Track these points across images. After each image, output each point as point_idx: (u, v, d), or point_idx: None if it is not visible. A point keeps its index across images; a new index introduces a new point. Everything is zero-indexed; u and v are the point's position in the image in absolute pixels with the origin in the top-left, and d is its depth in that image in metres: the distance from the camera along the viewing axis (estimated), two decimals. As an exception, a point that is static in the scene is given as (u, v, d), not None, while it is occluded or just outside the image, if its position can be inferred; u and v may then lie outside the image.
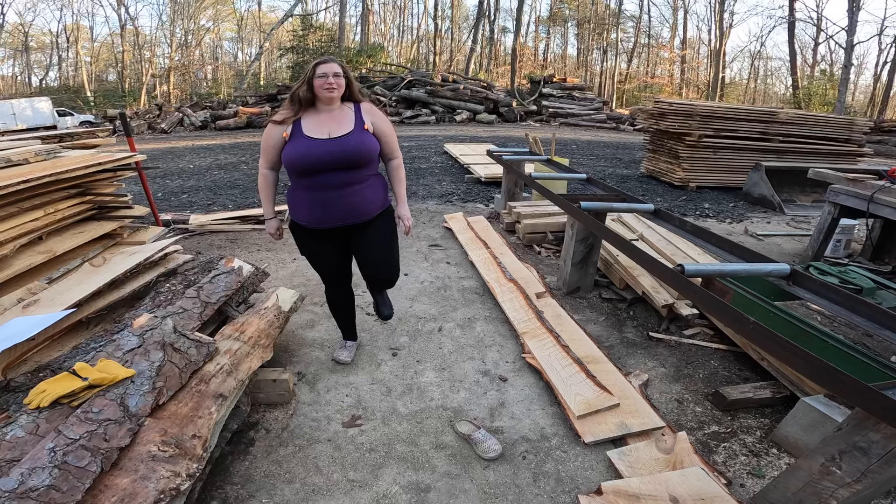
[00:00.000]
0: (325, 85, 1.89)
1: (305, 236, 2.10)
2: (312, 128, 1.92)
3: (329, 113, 1.96)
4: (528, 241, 4.38)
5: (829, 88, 27.11)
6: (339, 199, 1.95)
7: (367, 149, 1.94)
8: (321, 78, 1.89)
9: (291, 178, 2.00)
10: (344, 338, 2.57)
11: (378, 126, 2.04)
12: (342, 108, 1.99)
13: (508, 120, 18.53)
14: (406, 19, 40.72)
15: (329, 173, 1.91)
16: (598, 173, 8.26)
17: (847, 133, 7.37)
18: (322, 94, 1.91)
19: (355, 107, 2.02)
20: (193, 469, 1.43)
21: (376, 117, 2.05)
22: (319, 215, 1.98)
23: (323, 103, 1.95)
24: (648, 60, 39.31)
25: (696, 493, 1.64)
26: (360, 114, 2.00)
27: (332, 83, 1.89)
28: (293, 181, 2.01)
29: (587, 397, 2.11)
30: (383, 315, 2.39)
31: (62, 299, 2.14)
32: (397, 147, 2.15)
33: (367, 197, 2.02)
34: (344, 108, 2.00)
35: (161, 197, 6.28)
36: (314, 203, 1.96)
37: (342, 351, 2.51)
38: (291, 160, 1.90)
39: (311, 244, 2.12)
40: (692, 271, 2.01)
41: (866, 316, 1.75)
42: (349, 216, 2.00)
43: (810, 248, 4.23)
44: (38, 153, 2.82)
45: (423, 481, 1.78)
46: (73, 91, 30.20)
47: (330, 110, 1.96)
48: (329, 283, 2.32)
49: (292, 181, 2.01)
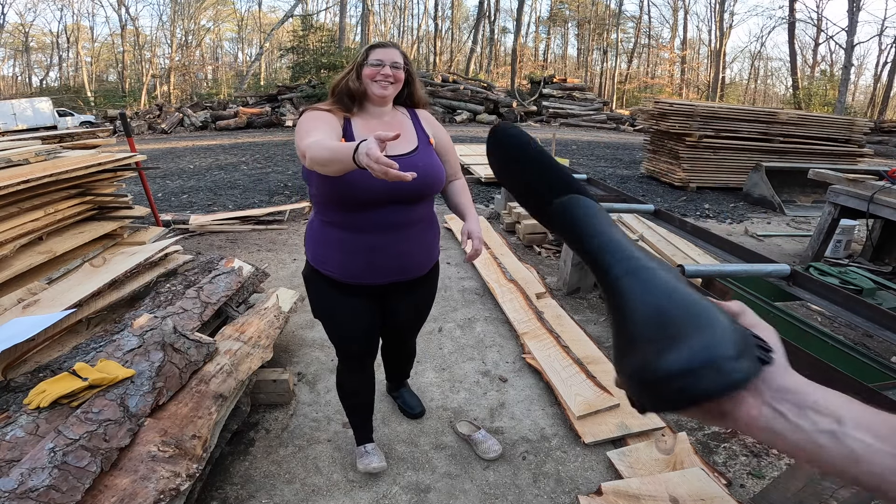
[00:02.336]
0: (380, 76, 1.40)
1: (333, 291, 1.51)
2: (364, 135, 1.38)
3: (380, 119, 1.46)
4: (528, 241, 4.38)
5: (830, 89, 27.13)
6: (394, 246, 1.43)
7: (437, 174, 1.45)
8: (375, 66, 1.39)
9: (324, 210, 1.44)
10: (359, 442, 1.86)
11: (440, 141, 1.54)
12: (395, 114, 1.50)
13: (508, 120, 18.55)
14: (406, 20, 40.76)
15: (385, 208, 1.37)
16: (598, 174, 8.26)
17: (847, 133, 7.38)
18: (373, 89, 1.41)
19: (411, 113, 1.53)
20: (193, 469, 1.43)
21: (437, 129, 1.56)
22: (362, 267, 1.44)
23: (372, 103, 1.45)
24: (648, 61, 39.35)
25: (697, 493, 1.64)
26: (419, 124, 1.51)
27: (389, 75, 1.40)
28: (325, 214, 1.44)
29: (587, 398, 2.11)
30: (416, 413, 2.08)
31: (62, 299, 2.14)
32: (459, 165, 1.64)
33: (425, 243, 1.52)
34: (397, 113, 1.50)
35: (161, 197, 6.29)
36: (357, 249, 1.42)
37: (368, 457, 1.81)
38: (346, 182, 1.29)
39: (339, 302, 1.52)
40: (692, 272, 2.01)
41: (866, 316, 1.75)
42: (402, 270, 1.48)
43: (810, 248, 4.23)
44: (39, 153, 2.82)
45: (423, 481, 1.77)
46: (74, 91, 30.21)
47: (381, 114, 1.46)
48: (349, 358, 1.69)
49: (323, 214, 1.45)
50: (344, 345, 1.65)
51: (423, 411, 2.12)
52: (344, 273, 1.46)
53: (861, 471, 0.36)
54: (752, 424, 0.39)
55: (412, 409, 2.11)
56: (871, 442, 0.36)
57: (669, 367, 0.33)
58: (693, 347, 0.34)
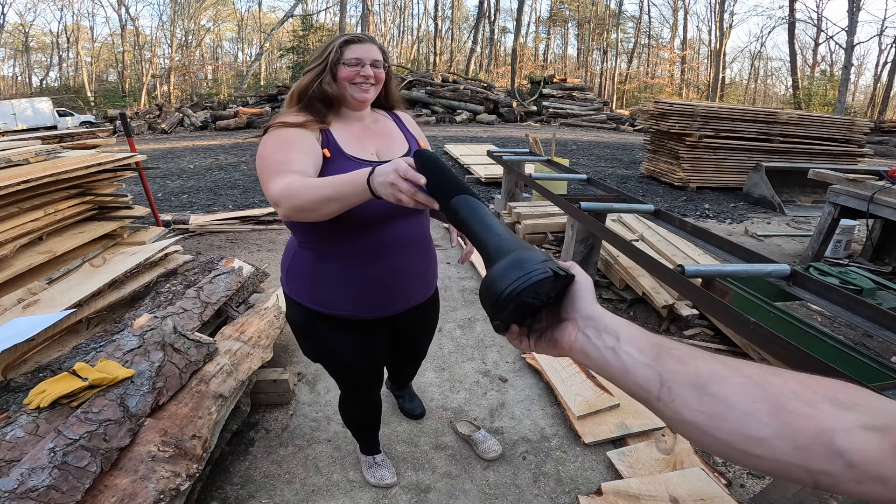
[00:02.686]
0: (360, 77, 1.18)
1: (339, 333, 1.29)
2: (351, 144, 1.18)
3: (362, 124, 1.26)
4: (529, 241, 4.37)
5: (830, 89, 27.15)
6: (412, 265, 1.25)
7: None
8: (352, 67, 1.18)
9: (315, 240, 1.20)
10: (366, 453, 1.78)
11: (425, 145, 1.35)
12: (376, 117, 1.31)
13: (508, 120, 18.53)
14: (406, 20, 40.79)
15: (393, 222, 1.19)
16: (598, 174, 8.26)
17: (847, 133, 7.37)
18: (353, 92, 1.19)
19: (392, 116, 1.36)
20: (193, 469, 1.43)
21: (419, 132, 1.38)
22: (381, 298, 1.24)
23: (349, 107, 1.24)
24: (649, 61, 39.36)
25: (697, 493, 1.64)
26: (405, 127, 1.35)
27: (370, 76, 1.19)
28: (317, 243, 1.20)
29: (587, 398, 2.11)
30: (416, 414, 2.07)
31: (62, 299, 2.14)
32: None
33: (433, 256, 1.36)
34: (379, 117, 1.32)
35: (161, 197, 6.29)
36: (373, 279, 1.21)
37: (379, 470, 1.74)
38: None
39: (347, 342, 1.31)
40: (692, 272, 2.01)
41: (866, 316, 1.75)
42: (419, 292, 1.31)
43: (810, 248, 4.23)
44: (39, 153, 2.82)
45: (423, 481, 1.77)
46: (74, 91, 30.22)
47: (361, 119, 1.26)
48: (354, 387, 1.50)
49: (314, 243, 1.21)
50: (350, 380, 1.47)
51: (423, 412, 2.11)
52: (359, 309, 1.23)
53: (630, 381, 0.44)
54: (573, 348, 0.48)
55: (413, 411, 2.10)
56: (636, 355, 0.44)
57: (495, 269, 0.50)
58: (513, 258, 0.50)
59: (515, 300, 0.47)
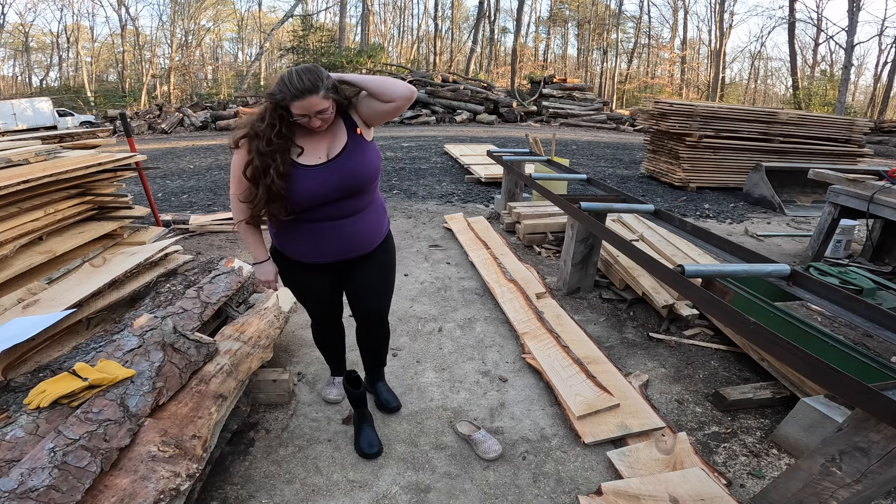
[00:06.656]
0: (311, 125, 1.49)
1: (292, 267, 1.78)
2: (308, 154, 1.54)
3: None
4: (528, 241, 4.37)
5: (830, 89, 27.14)
6: (336, 231, 1.64)
7: (366, 169, 1.59)
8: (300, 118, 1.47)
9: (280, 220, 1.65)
10: (332, 374, 2.26)
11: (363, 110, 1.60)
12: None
13: (508, 120, 18.54)
14: (406, 20, 40.77)
15: (326, 206, 1.58)
16: (598, 174, 8.26)
17: (847, 133, 7.38)
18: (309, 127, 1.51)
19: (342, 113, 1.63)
20: (193, 469, 1.43)
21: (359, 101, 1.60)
22: (312, 249, 1.68)
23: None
24: (649, 61, 39.33)
25: (697, 493, 1.64)
26: (349, 117, 1.62)
27: (319, 125, 1.49)
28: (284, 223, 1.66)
29: (587, 398, 2.11)
30: (392, 408, 2.13)
31: (62, 299, 2.14)
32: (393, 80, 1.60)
33: (366, 227, 1.71)
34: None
35: (161, 197, 6.29)
36: (304, 236, 1.65)
37: (331, 388, 2.23)
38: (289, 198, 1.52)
39: (299, 276, 1.81)
40: (692, 272, 2.01)
41: (866, 316, 1.75)
42: (347, 250, 1.70)
43: (810, 248, 4.23)
44: (39, 153, 2.82)
45: (423, 482, 1.77)
46: (74, 91, 30.19)
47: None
48: (318, 320, 2.01)
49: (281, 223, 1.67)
50: (309, 306, 1.96)
51: (398, 406, 2.15)
52: (297, 254, 1.71)
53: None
54: None
55: (388, 404, 2.13)
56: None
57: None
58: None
59: None
